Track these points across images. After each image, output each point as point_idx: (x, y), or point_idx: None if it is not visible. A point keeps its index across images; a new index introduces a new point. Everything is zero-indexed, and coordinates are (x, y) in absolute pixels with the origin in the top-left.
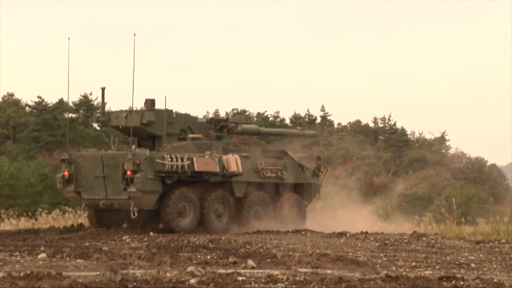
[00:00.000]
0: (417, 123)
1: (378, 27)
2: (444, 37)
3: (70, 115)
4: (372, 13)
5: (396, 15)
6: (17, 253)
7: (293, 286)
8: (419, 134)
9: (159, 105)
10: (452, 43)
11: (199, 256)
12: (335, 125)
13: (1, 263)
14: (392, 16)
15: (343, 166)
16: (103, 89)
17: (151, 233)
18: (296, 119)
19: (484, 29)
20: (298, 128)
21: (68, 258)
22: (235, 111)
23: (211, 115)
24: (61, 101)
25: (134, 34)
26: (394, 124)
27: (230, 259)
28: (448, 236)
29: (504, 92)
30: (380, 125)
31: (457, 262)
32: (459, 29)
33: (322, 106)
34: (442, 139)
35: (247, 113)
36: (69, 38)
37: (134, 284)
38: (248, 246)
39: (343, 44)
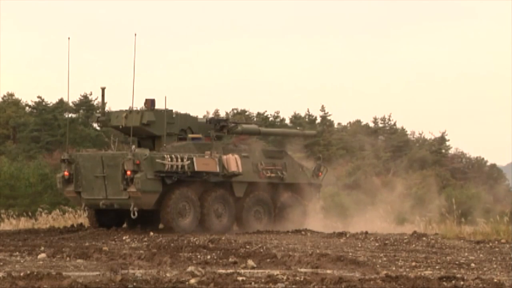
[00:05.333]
0: (417, 123)
1: (378, 27)
2: (444, 37)
3: (70, 115)
4: (372, 13)
5: (396, 15)
6: (17, 253)
7: (293, 286)
8: (419, 134)
9: (159, 105)
10: (453, 42)
11: (199, 256)
12: (335, 125)
13: (1, 263)
14: (392, 16)
15: (343, 166)
16: (103, 89)
17: (151, 233)
18: (296, 119)
19: (485, 29)
20: (298, 128)
21: (68, 258)
22: (235, 111)
23: (211, 115)
24: (61, 101)
25: (135, 34)
26: (394, 124)
27: (230, 259)
28: (448, 236)
29: (504, 92)
30: (380, 125)
31: (457, 262)
32: (459, 28)
33: (322, 106)
34: (442, 139)
35: (247, 113)
36: (69, 38)
37: (134, 284)
38: (248, 246)
39: (343, 44)
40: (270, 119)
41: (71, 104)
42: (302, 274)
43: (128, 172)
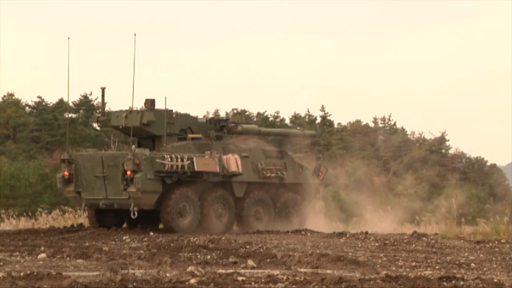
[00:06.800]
0: (417, 123)
1: (378, 27)
2: (445, 37)
3: (70, 115)
4: (372, 13)
5: (396, 15)
6: (17, 253)
7: (293, 286)
8: (419, 134)
9: (159, 105)
10: (453, 42)
11: (199, 256)
12: (335, 125)
13: (1, 263)
14: (392, 16)
15: (343, 166)
16: (103, 89)
17: (151, 233)
18: (296, 119)
19: (485, 29)
20: (298, 128)
21: (68, 258)
22: (235, 111)
23: (211, 115)
24: (61, 101)
25: (135, 34)
26: (394, 124)
27: (230, 259)
28: (448, 236)
29: (504, 92)
30: (380, 125)
31: (457, 262)
32: (459, 29)
33: (322, 106)
34: (442, 139)
35: (247, 113)
36: (69, 38)
37: (134, 284)
38: (248, 246)
39: (343, 44)
40: (270, 119)
41: (71, 104)
42: (302, 274)
43: (128, 172)
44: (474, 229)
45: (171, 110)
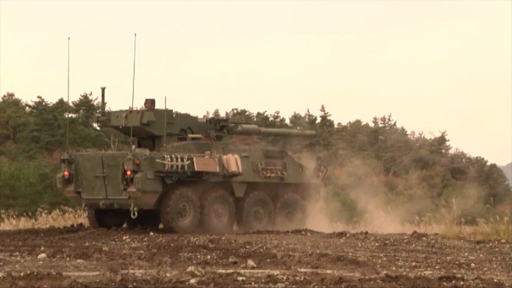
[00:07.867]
0: (417, 123)
1: (378, 27)
2: (445, 36)
3: (70, 115)
4: (372, 12)
5: (396, 15)
6: (17, 253)
7: (293, 286)
8: (419, 134)
9: (159, 105)
10: (453, 42)
11: (199, 256)
12: (335, 125)
13: (1, 263)
14: (392, 16)
15: (343, 166)
16: (103, 89)
17: (151, 233)
18: (296, 119)
19: (485, 29)
20: (298, 128)
21: (68, 258)
22: (235, 111)
23: (211, 115)
24: (61, 101)
25: (135, 34)
26: (394, 124)
27: (230, 259)
28: (448, 236)
29: (504, 92)
30: (380, 125)
31: (457, 262)
32: (459, 28)
33: (322, 106)
34: (442, 139)
35: (247, 113)
36: (69, 38)
37: (134, 284)
38: (248, 246)
39: (343, 44)
40: (270, 119)
41: (71, 104)
42: (302, 274)
43: (128, 172)
44: (474, 229)
45: (171, 110)
